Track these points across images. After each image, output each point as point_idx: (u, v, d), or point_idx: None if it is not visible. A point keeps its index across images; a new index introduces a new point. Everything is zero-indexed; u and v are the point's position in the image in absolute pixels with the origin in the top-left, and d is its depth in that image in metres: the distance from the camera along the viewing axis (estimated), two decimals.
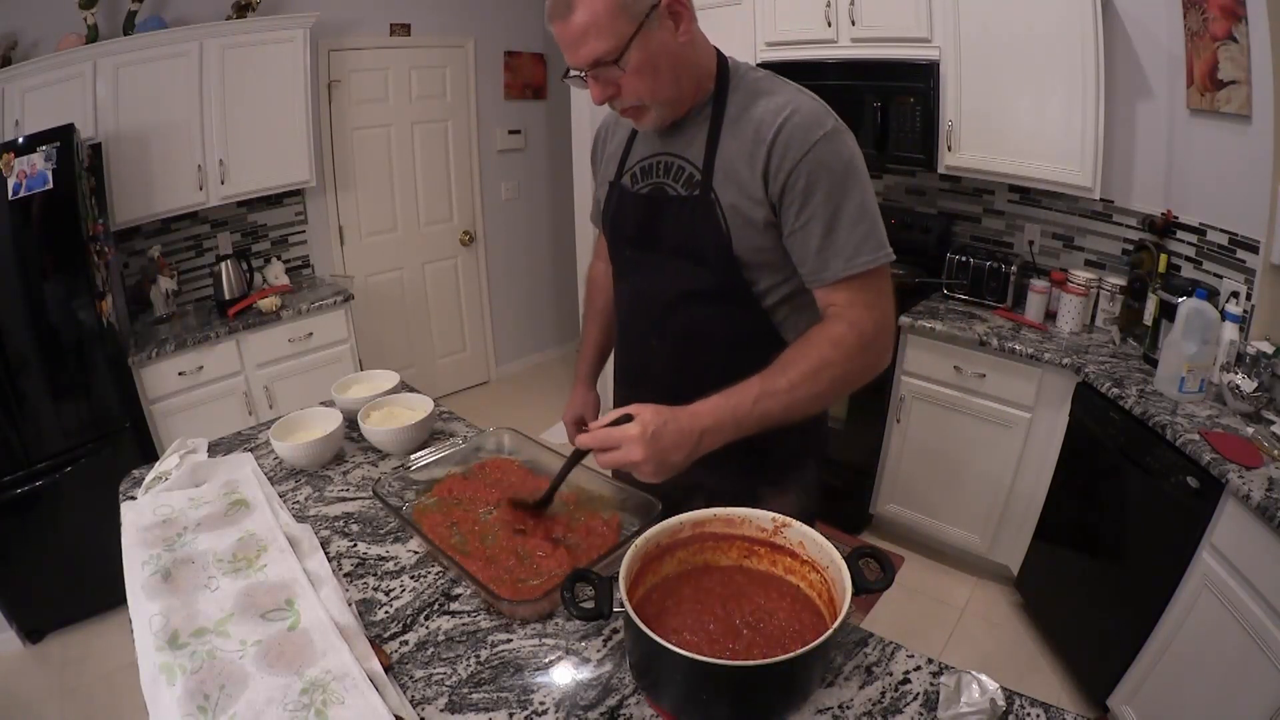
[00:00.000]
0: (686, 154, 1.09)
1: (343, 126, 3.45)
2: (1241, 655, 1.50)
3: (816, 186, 0.99)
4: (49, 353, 2.26)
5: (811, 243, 1.02)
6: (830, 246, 1.01)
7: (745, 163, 1.03)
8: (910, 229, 2.88)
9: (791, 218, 1.02)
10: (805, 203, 1.00)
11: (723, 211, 1.05)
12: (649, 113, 1.04)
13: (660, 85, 1.01)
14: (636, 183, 1.16)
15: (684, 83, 1.04)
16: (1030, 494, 2.32)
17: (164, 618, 0.88)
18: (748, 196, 1.03)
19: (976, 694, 0.79)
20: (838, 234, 1.01)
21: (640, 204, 1.15)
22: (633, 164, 1.17)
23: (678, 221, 1.10)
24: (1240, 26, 1.86)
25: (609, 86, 1.00)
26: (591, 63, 0.96)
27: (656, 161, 1.13)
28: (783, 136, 0.99)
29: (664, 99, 1.03)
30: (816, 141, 0.99)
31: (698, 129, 1.08)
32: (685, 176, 1.09)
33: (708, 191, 1.05)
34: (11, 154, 2.11)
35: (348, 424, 1.41)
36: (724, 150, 1.05)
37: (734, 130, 1.05)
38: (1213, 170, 2.11)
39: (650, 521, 0.92)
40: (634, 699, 0.82)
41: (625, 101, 1.02)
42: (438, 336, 4.10)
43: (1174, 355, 1.88)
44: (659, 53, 0.98)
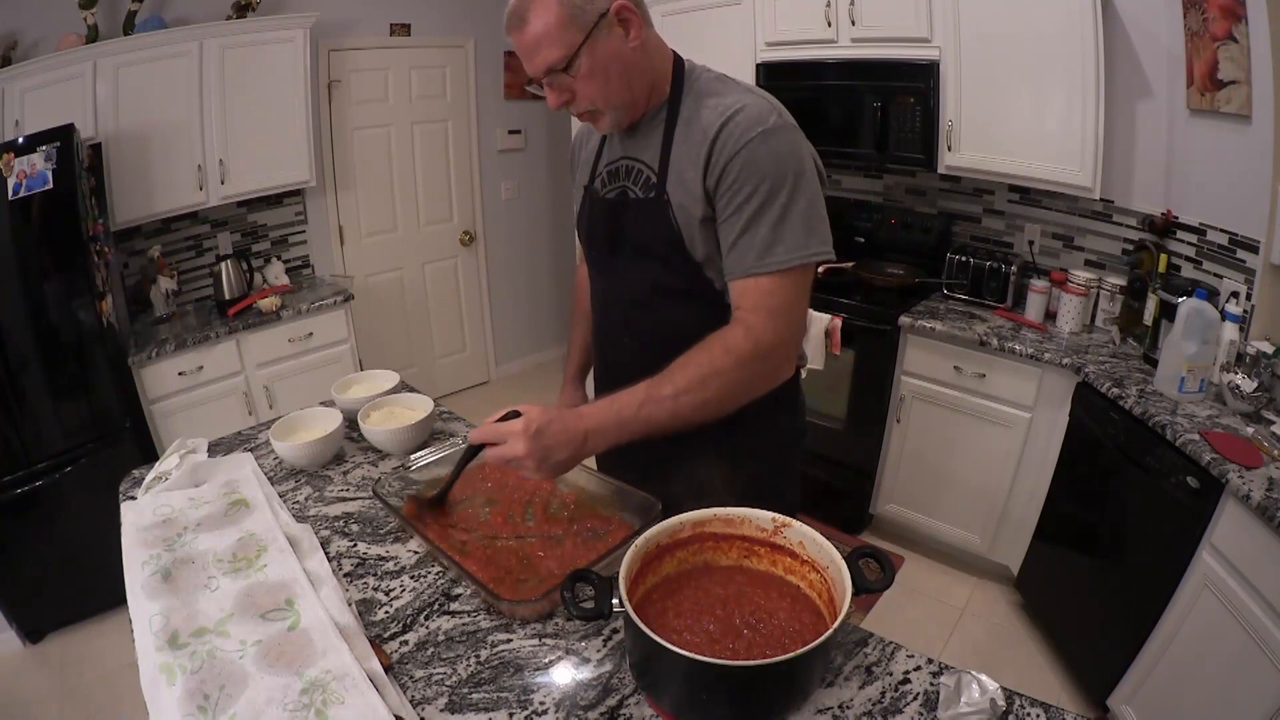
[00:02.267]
0: (643, 157, 1.12)
1: (343, 126, 3.45)
2: (1241, 655, 1.50)
3: (745, 182, 1.00)
4: (49, 353, 2.26)
5: (730, 236, 1.03)
6: (746, 242, 1.01)
7: (691, 162, 1.05)
8: (910, 229, 2.89)
9: (720, 209, 1.04)
10: (732, 197, 1.01)
11: (674, 212, 1.08)
12: (604, 117, 1.08)
13: (611, 90, 1.03)
14: (605, 187, 1.19)
15: (636, 87, 1.07)
16: (1030, 494, 2.32)
17: (164, 618, 0.88)
18: (692, 195, 1.06)
19: (976, 694, 0.78)
20: (756, 230, 1.00)
21: (607, 208, 1.18)
22: (602, 168, 1.20)
23: (637, 223, 1.13)
24: (1240, 26, 1.86)
25: (563, 93, 1.03)
26: (545, 70, 1.00)
27: (620, 165, 1.16)
28: (723, 134, 1.01)
29: (616, 103, 1.06)
30: (752, 139, 0.99)
31: (654, 132, 1.11)
32: (643, 179, 1.12)
33: (661, 193, 1.09)
34: (11, 154, 2.11)
35: (348, 424, 1.41)
36: (676, 152, 1.08)
37: (685, 132, 1.07)
38: (1213, 170, 2.11)
39: (650, 521, 0.92)
40: (634, 699, 0.82)
41: (580, 106, 1.05)
42: (438, 336, 4.10)
43: (1174, 355, 1.88)
44: (609, 59, 1.01)
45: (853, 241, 2.99)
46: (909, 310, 2.52)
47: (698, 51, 1.19)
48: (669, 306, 1.15)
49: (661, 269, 1.12)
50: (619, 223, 1.16)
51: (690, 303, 1.13)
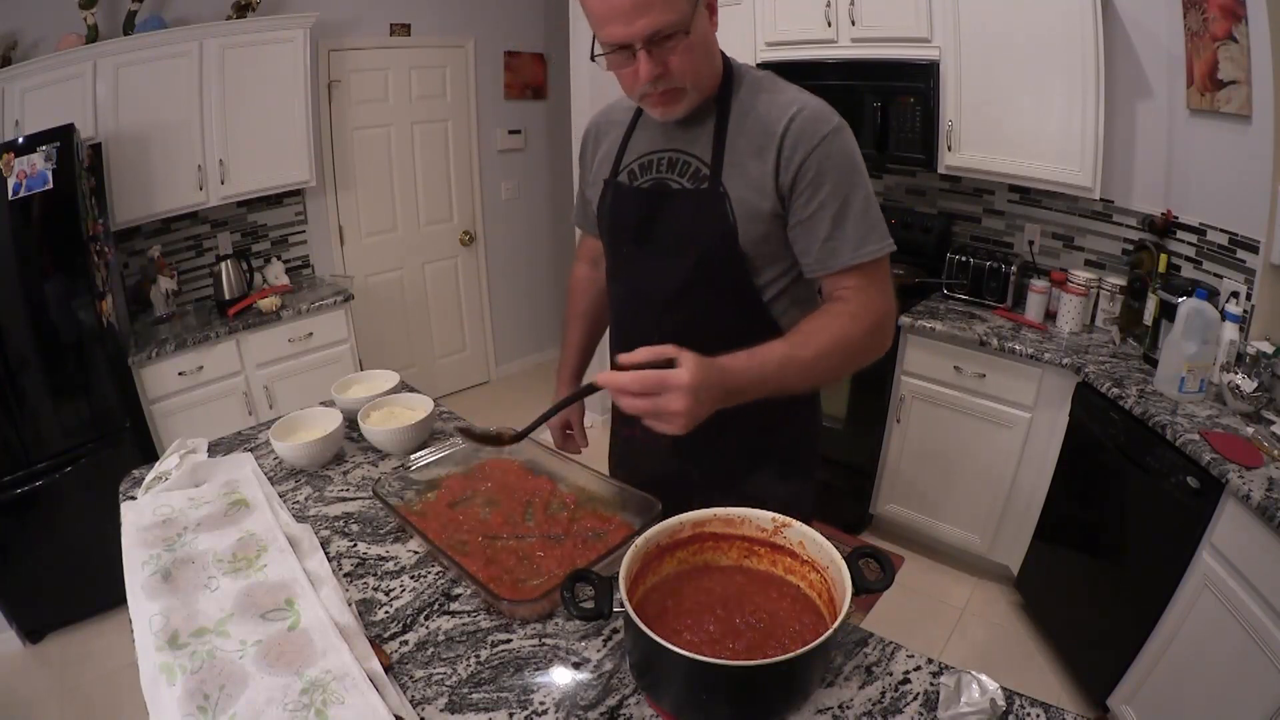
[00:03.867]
0: (692, 149, 1.09)
1: (343, 126, 3.45)
2: (1241, 655, 1.50)
3: (825, 178, 1.02)
4: (49, 353, 2.26)
5: (819, 231, 1.04)
6: (838, 235, 1.03)
7: (754, 155, 1.04)
8: (910, 229, 2.88)
9: (799, 208, 1.04)
10: (814, 194, 1.02)
11: (730, 204, 1.05)
12: (684, 98, 1.03)
13: (702, 70, 1.02)
14: (635, 178, 1.16)
15: (715, 71, 1.06)
16: (1030, 494, 2.32)
17: (164, 618, 0.88)
18: (756, 189, 1.05)
19: (976, 694, 0.78)
20: (846, 224, 1.03)
21: (640, 198, 1.14)
22: (630, 161, 1.17)
23: (681, 214, 1.10)
24: (1240, 26, 1.86)
25: (658, 64, 0.97)
26: (651, 33, 0.93)
27: (658, 157, 1.13)
28: (793, 130, 1.02)
29: (702, 85, 1.04)
30: (826, 135, 1.01)
31: (702, 125, 1.09)
32: (691, 171, 1.09)
33: (716, 184, 1.06)
34: (11, 154, 2.11)
35: (348, 424, 1.41)
36: (732, 145, 1.06)
37: (740, 126, 1.06)
38: (1213, 170, 2.11)
39: (650, 521, 0.92)
40: (634, 699, 0.82)
41: (670, 82, 0.99)
42: (438, 336, 4.10)
43: (1174, 355, 1.88)
44: (706, 36, 1.00)
45: None
46: (909, 310, 2.52)
47: None
48: (707, 303, 1.12)
49: (704, 262, 1.09)
50: (655, 214, 1.13)
51: (730, 300, 1.11)
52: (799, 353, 0.96)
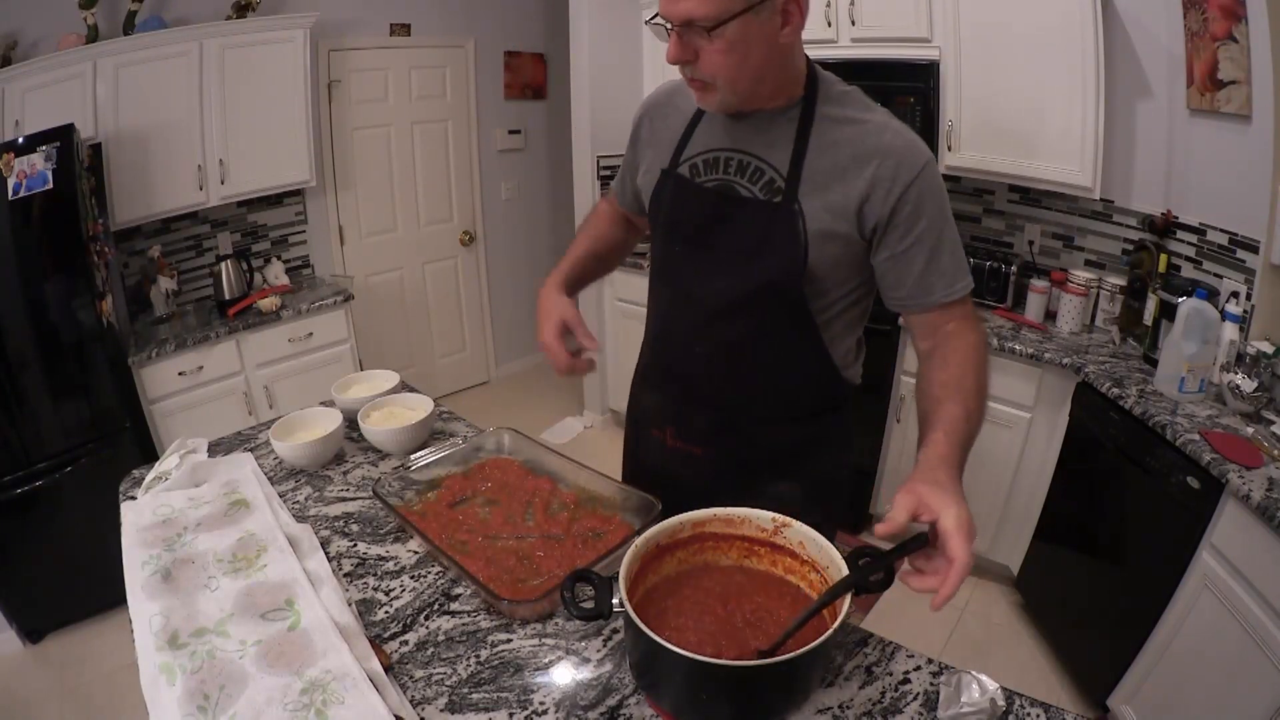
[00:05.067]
0: (768, 157, 1.04)
1: (343, 126, 3.45)
2: (1241, 655, 1.50)
3: (923, 213, 1.00)
4: (49, 353, 2.26)
5: (915, 267, 1.02)
6: (934, 271, 1.02)
7: (838, 178, 1.00)
8: None
9: (894, 241, 1.01)
10: (911, 228, 1.00)
11: (805, 223, 1.01)
12: (716, 95, 1.00)
13: (742, 73, 0.96)
14: (699, 175, 1.10)
15: (767, 81, 1.00)
16: (1030, 494, 2.32)
17: (164, 618, 0.88)
18: (835, 212, 1.01)
19: (976, 694, 0.78)
20: (941, 259, 1.02)
21: (705, 198, 1.08)
22: (693, 154, 1.11)
23: (749, 225, 1.05)
24: (1240, 26, 1.86)
25: (688, 51, 0.95)
26: (685, 20, 0.91)
27: (727, 157, 1.07)
28: (890, 160, 0.98)
29: (739, 88, 0.98)
30: (923, 168, 0.99)
31: (781, 133, 1.04)
32: (764, 180, 1.04)
33: (791, 201, 1.02)
34: (11, 154, 2.11)
35: (348, 424, 1.41)
36: (813, 161, 1.02)
37: (823, 142, 1.02)
38: (1213, 170, 2.11)
39: (650, 521, 0.92)
40: (634, 699, 0.82)
41: (697, 73, 0.97)
42: (438, 336, 4.10)
43: (1174, 355, 1.88)
44: (755, 41, 0.94)
45: None
46: None
47: None
48: (760, 320, 1.08)
49: (764, 277, 1.04)
50: (718, 219, 1.07)
51: (783, 320, 1.08)
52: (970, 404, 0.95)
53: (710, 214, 1.08)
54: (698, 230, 1.10)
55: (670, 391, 1.23)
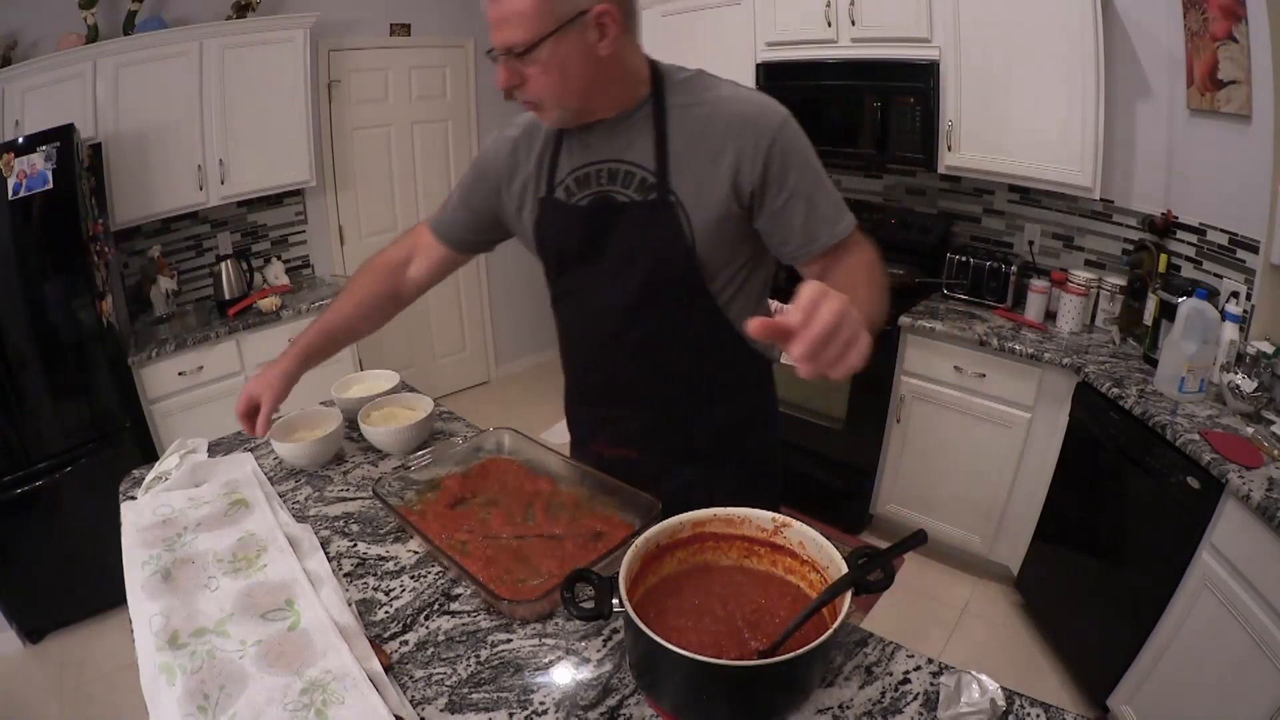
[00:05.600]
0: (632, 158, 1.07)
1: (343, 126, 3.45)
2: (1241, 655, 1.50)
3: (790, 166, 1.03)
4: (49, 353, 2.26)
5: (795, 219, 1.05)
6: (816, 219, 1.05)
7: (706, 158, 1.03)
8: (910, 229, 2.88)
9: (770, 199, 1.04)
10: (783, 183, 1.03)
11: (684, 210, 1.04)
12: (549, 112, 1.04)
13: (566, 90, 1.00)
14: (573, 195, 1.11)
15: (594, 93, 1.03)
16: (1030, 494, 2.32)
17: (164, 618, 0.88)
18: (711, 191, 1.04)
19: (976, 694, 0.78)
20: (819, 207, 1.05)
21: (581, 216, 1.11)
22: (564, 176, 1.12)
23: (631, 228, 1.08)
24: (1240, 26, 1.86)
25: (514, 76, 0.99)
26: (504, 48, 0.96)
27: (596, 170, 1.09)
28: (748, 128, 1.01)
29: (566, 104, 1.02)
30: (780, 126, 1.02)
31: (638, 131, 1.06)
32: (636, 180, 1.07)
33: (665, 193, 1.05)
34: (11, 154, 2.11)
35: (348, 424, 1.41)
36: (675, 148, 1.04)
37: (682, 127, 1.05)
38: (1213, 170, 2.11)
39: (650, 521, 0.92)
40: (634, 699, 0.82)
41: (527, 95, 1.01)
42: (438, 336, 4.10)
43: (1174, 355, 1.88)
44: (572, 58, 0.97)
45: None
46: (909, 310, 2.52)
47: (698, 51, 1.19)
48: (665, 314, 1.11)
49: (656, 274, 1.08)
50: (602, 230, 1.10)
51: (682, 305, 1.11)
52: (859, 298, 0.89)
53: (593, 229, 1.11)
54: (585, 247, 1.12)
55: (596, 404, 1.27)
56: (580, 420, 1.34)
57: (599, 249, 1.11)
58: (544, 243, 1.18)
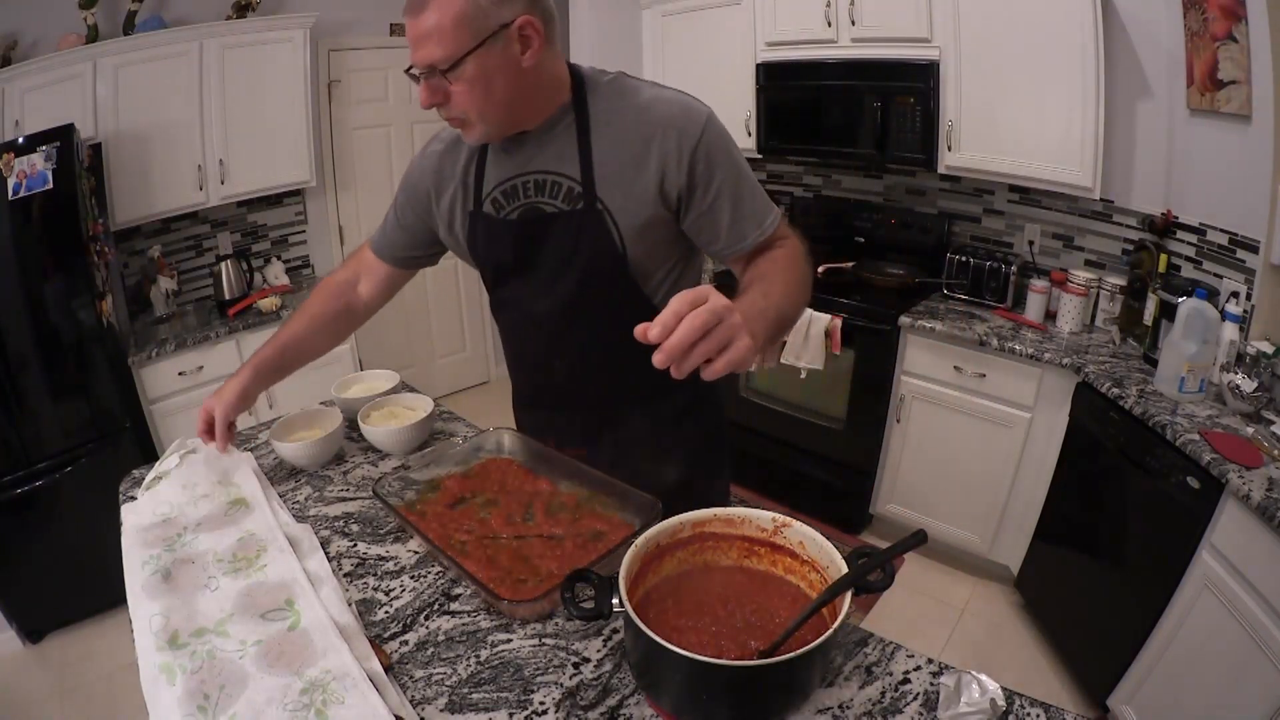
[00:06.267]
0: (559, 168, 1.06)
1: (343, 126, 3.45)
2: (1241, 655, 1.50)
3: (715, 166, 1.03)
4: (49, 353, 2.26)
5: (722, 218, 1.06)
6: (741, 217, 1.06)
7: (631, 164, 1.03)
8: (910, 229, 2.89)
9: (697, 201, 1.05)
10: (709, 184, 1.04)
11: (612, 218, 1.05)
12: (475, 128, 1.02)
13: (490, 104, 0.98)
14: (501, 208, 1.12)
15: (518, 105, 1.02)
16: (1030, 494, 2.32)
17: (164, 618, 0.88)
18: (638, 197, 1.04)
19: (976, 694, 0.78)
20: (743, 204, 1.06)
21: (511, 229, 1.11)
22: (491, 189, 1.12)
23: (560, 238, 1.08)
24: (1240, 26, 1.86)
25: (437, 94, 0.98)
26: (426, 67, 0.94)
27: (523, 182, 1.09)
28: (672, 130, 1.02)
29: (492, 119, 1.01)
30: (704, 126, 1.02)
31: (563, 141, 1.06)
32: (563, 191, 1.07)
33: (593, 201, 1.04)
34: (11, 154, 2.11)
35: (348, 424, 1.41)
36: (601, 157, 1.04)
37: (606, 134, 1.04)
38: (1213, 170, 2.11)
39: (650, 521, 0.92)
40: (634, 699, 0.82)
41: (451, 111, 1.00)
42: (438, 336, 4.10)
43: (1174, 355, 1.88)
44: (496, 73, 0.96)
45: (853, 241, 2.99)
46: (909, 310, 2.52)
47: (698, 51, 1.19)
48: (599, 320, 1.11)
49: (589, 281, 1.08)
50: (533, 241, 1.10)
51: (617, 310, 1.09)
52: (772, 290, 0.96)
53: (523, 241, 1.11)
54: (518, 259, 1.13)
55: (543, 406, 1.30)
56: (527, 424, 1.36)
57: (531, 260, 1.12)
58: (478, 256, 1.19)
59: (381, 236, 1.31)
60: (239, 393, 1.24)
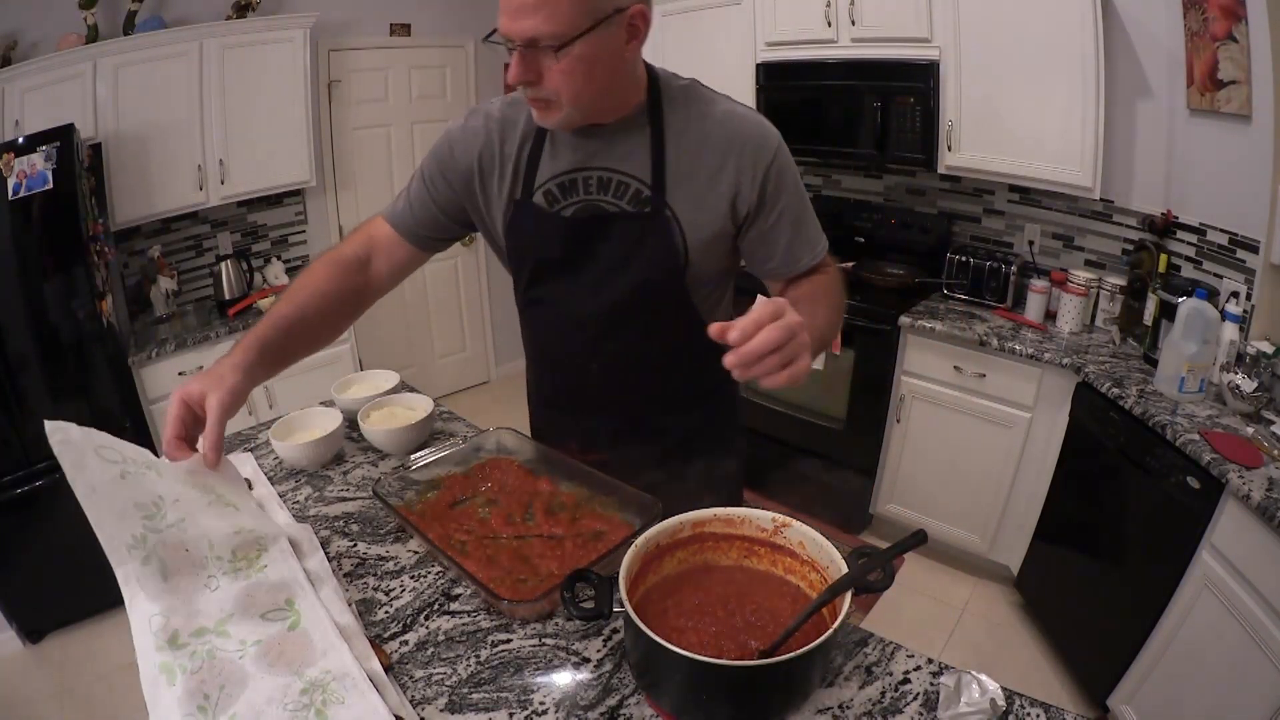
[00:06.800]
0: (627, 168, 1.03)
1: (343, 126, 3.45)
2: (1241, 655, 1.50)
3: (783, 189, 1.05)
4: (49, 353, 2.26)
5: (781, 239, 1.07)
6: (800, 242, 1.08)
7: (705, 174, 1.02)
8: (910, 229, 2.89)
9: (762, 220, 1.05)
10: (775, 204, 1.04)
11: (680, 226, 1.03)
12: (559, 113, 0.96)
13: (587, 90, 0.93)
14: (555, 202, 1.06)
15: (609, 96, 0.99)
16: (1030, 494, 2.32)
17: (164, 618, 0.88)
18: (709, 208, 1.03)
19: (976, 694, 0.78)
20: (804, 230, 1.08)
21: (564, 226, 1.06)
22: (545, 180, 1.06)
23: (621, 240, 1.04)
24: (1240, 26, 1.86)
25: (531, 70, 0.90)
26: (527, 39, 0.87)
27: (584, 176, 1.04)
28: (748, 147, 1.02)
29: (584, 105, 0.95)
30: (777, 148, 1.04)
31: (635, 142, 1.02)
32: (630, 192, 1.03)
33: (661, 207, 1.02)
34: (11, 154, 2.11)
35: (348, 424, 1.41)
36: (673, 162, 1.02)
37: (680, 141, 1.02)
38: (1213, 170, 2.11)
39: (650, 521, 0.92)
40: (634, 699, 0.82)
41: (540, 93, 0.93)
42: (438, 336, 4.10)
43: (1174, 355, 1.88)
44: (600, 59, 0.91)
45: (853, 241, 2.99)
46: (909, 310, 2.52)
47: (698, 51, 1.19)
48: (646, 327, 1.10)
49: (644, 287, 1.05)
50: (587, 241, 1.06)
51: (669, 320, 1.09)
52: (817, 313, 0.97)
53: (576, 239, 1.06)
54: (566, 257, 1.07)
55: (569, 409, 1.26)
56: (548, 425, 1.33)
57: (581, 259, 1.07)
58: (518, 249, 1.12)
59: (406, 211, 1.17)
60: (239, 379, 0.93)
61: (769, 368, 0.76)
